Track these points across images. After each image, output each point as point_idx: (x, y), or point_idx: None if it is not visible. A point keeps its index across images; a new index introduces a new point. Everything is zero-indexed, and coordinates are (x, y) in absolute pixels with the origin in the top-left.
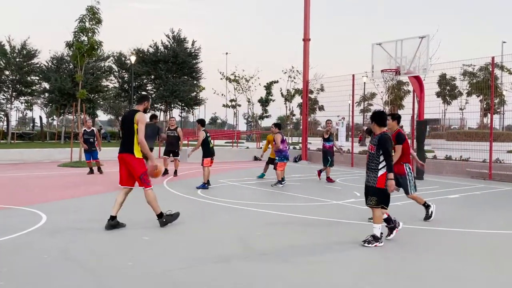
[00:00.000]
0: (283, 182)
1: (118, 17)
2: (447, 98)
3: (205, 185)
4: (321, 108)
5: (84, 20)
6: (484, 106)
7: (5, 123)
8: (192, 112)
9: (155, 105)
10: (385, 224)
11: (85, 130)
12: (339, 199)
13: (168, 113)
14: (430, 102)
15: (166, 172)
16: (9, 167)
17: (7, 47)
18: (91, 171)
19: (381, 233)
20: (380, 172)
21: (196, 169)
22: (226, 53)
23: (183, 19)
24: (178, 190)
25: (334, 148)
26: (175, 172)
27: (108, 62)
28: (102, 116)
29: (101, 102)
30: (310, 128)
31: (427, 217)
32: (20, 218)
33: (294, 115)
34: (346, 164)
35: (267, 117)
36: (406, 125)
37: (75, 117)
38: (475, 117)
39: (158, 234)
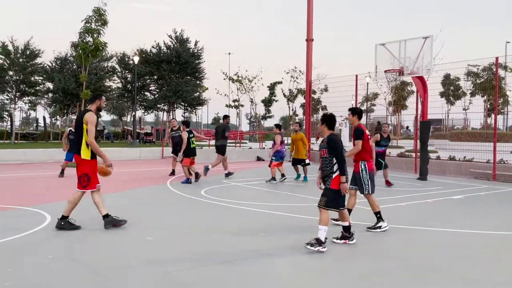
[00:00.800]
0: (282, 179)
1: (119, 17)
2: (451, 98)
3: (188, 180)
4: (324, 108)
5: (90, 21)
6: (488, 106)
7: (9, 123)
8: (195, 112)
9: (158, 106)
10: (342, 230)
11: (70, 130)
12: None
13: (171, 114)
14: (434, 103)
15: (173, 172)
16: (13, 167)
17: (10, 48)
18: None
19: (326, 238)
20: (335, 174)
21: (200, 169)
22: (229, 53)
23: (184, 19)
24: (181, 190)
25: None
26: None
27: (111, 62)
28: (106, 117)
29: (104, 103)
30: (313, 129)
31: (373, 227)
32: (25, 218)
33: (297, 115)
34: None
35: (270, 117)
36: (410, 125)
37: None
38: (479, 117)
39: (162, 234)
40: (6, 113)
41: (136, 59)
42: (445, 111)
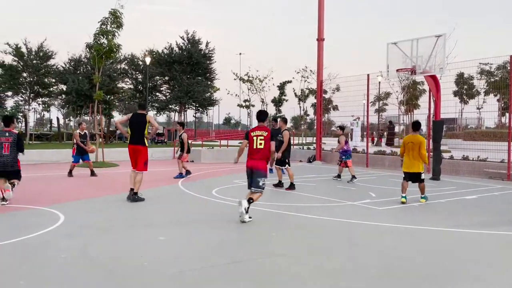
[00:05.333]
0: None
1: (129, 18)
2: (464, 97)
3: (183, 175)
4: (335, 108)
5: (106, 23)
6: (502, 105)
7: (23, 124)
8: (206, 112)
9: (170, 106)
10: None
11: (79, 132)
12: (354, 200)
13: (182, 114)
14: (447, 102)
15: (280, 183)
16: (28, 168)
17: (24, 49)
18: (71, 174)
19: None
20: None
21: (211, 169)
22: (240, 54)
23: (194, 21)
24: (192, 190)
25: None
26: (291, 185)
27: (124, 64)
28: (118, 117)
29: (117, 103)
30: (324, 128)
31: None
32: (39, 218)
33: (308, 115)
34: (360, 165)
35: (280, 117)
36: (422, 125)
37: (91, 118)
38: (493, 116)
39: (174, 234)
40: (21, 114)
41: (148, 60)
42: (458, 110)
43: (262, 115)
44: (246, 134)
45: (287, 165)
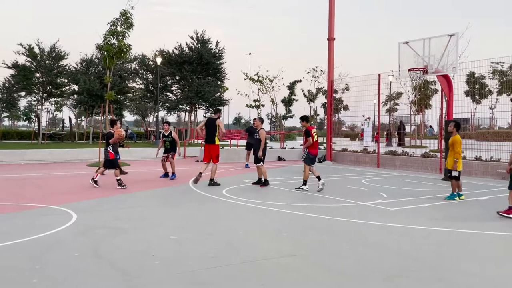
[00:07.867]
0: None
1: (140, 19)
2: (476, 97)
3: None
4: (346, 107)
5: (116, 24)
6: None
7: (36, 124)
8: None
9: (181, 106)
10: None
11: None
12: (365, 201)
13: (193, 114)
14: (459, 101)
15: (260, 181)
16: (40, 167)
17: (36, 50)
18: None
19: None
20: None
21: (222, 169)
22: (249, 54)
23: (204, 21)
24: (203, 190)
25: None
26: (259, 181)
27: (135, 64)
28: (129, 117)
29: (128, 103)
30: (334, 128)
31: None
32: (51, 217)
33: (318, 115)
34: (371, 165)
35: (290, 117)
36: (434, 125)
37: (102, 118)
38: (506, 116)
39: (185, 234)
40: (34, 114)
41: (159, 60)
42: (470, 110)
43: (308, 117)
44: (307, 132)
45: (261, 162)
